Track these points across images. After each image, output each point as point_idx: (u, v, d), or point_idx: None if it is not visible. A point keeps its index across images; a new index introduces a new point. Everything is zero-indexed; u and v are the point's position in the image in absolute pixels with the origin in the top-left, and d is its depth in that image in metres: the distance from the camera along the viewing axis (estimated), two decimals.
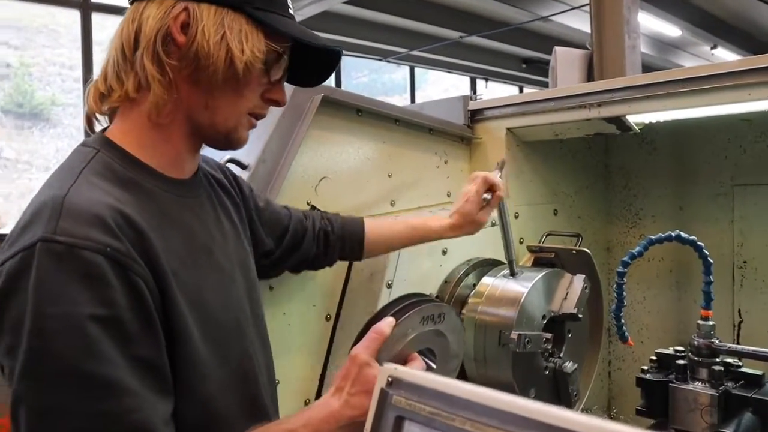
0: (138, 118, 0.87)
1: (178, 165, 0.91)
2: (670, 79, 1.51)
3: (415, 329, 1.04)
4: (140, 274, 0.76)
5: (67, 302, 0.70)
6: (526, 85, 10.55)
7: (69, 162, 0.85)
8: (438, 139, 1.86)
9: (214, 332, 0.86)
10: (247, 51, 0.86)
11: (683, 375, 1.23)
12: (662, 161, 2.15)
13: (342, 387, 0.88)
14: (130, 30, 0.86)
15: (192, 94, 0.88)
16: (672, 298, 2.15)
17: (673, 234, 1.23)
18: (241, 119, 0.92)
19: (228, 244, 0.97)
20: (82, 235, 0.72)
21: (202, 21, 0.84)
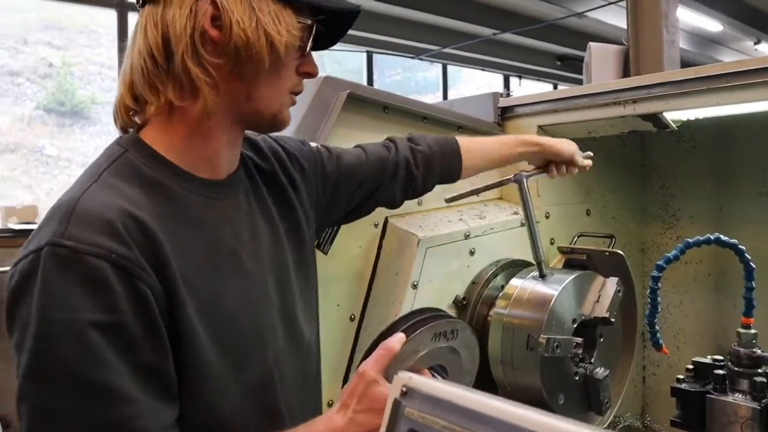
0: (180, 124, 0.85)
1: (213, 165, 0.89)
2: (711, 74, 1.44)
3: (426, 346, 1.02)
4: (146, 280, 0.75)
5: (70, 308, 0.70)
6: (561, 82, 10.37)
7: (96, 161, 0.85)
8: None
9: (229, 339, 0.84)
10: (283, 32, 0.83)
11: (722, 386, 1.16)
12: (701, 160, 2.06)
13: (348, 404, 0.85)
14: (155, 35, 0.82)
15: (233, 89, 0.85)
16: (710, 303, 2.06)
17: (712, 237, 1.17)
18: (284, 100, 0.91)
19: (261, 248, 0.94)
20: (88, 240, 0.72)
21: (233, 11, 0.81)
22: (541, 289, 1.52)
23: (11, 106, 6.92)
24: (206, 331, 0.81)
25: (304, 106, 1.43)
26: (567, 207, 1.92)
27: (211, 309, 0.82)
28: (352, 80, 1.53)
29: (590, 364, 1.55)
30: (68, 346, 0.69)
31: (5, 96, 6.88)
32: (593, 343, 1.59)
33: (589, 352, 1.58)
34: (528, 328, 1.47)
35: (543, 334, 1.35)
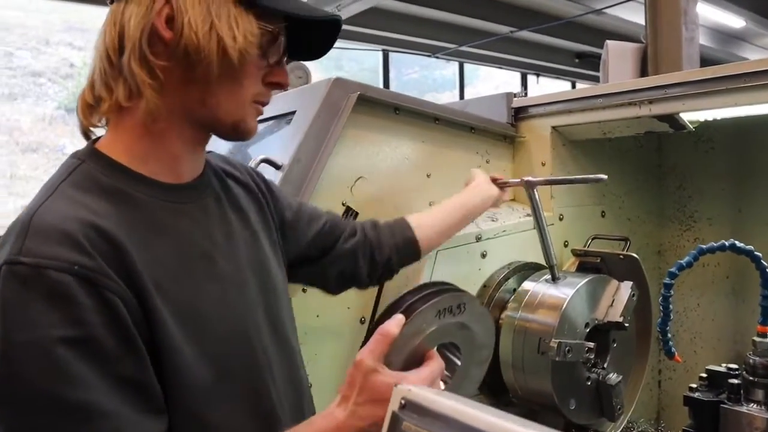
0: (131, 127, 0.83)
1: (175, 170, 0.86)
2: (729, 74, 1.41)
3: (430, 324, 0.93)
4: (114, 290, 0.72)
5: (35, 326, 0.67)
6: (579, 80, 10.27)
7: (52, 176, 0.82)
8: (480, 138, 1.80)
9: (210, 344, 0.81)
10: (239, 37, 0.80)
11: (736, 395, 1.14)
12: (720, 160, 2.02)
13: (348, 396, 0.81)
14: (113, 34, 0.81)
15: (187, 93, 0.82)
16: (728, 306, 2.02)
17: (726, 243, 1.14)
18: (245, 109, 0.86)
19: (237, 249, 0.91)
20: (47, 254, 0.69)
21: (187, 12, 0.78)
22: (554, 292, 1.50)
23: (33, 106, 7.02)
24: (185, 337, 0.78)
25: (314, 108, 1.43)
26: (581, 209, 1.90)
27: (187, 315, 0.79)
28: (370, 78, 1.52)
29: (603, 369, 1.53)
30: (37, 366, 0.66)
31: (27, 96, 6.99)
32: (606, 348, 1.57)
33: (602, 357, 1.56)
34: (539, 332, 1.45)
35: (554, 339, 1.34)
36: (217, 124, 0.86)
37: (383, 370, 0.81)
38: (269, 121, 1.67)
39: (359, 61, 8.44)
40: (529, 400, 1.54)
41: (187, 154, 0.87)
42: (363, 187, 1.52)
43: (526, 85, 9.91)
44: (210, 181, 0.93)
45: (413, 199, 1.63)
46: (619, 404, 1.51)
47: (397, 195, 1.60)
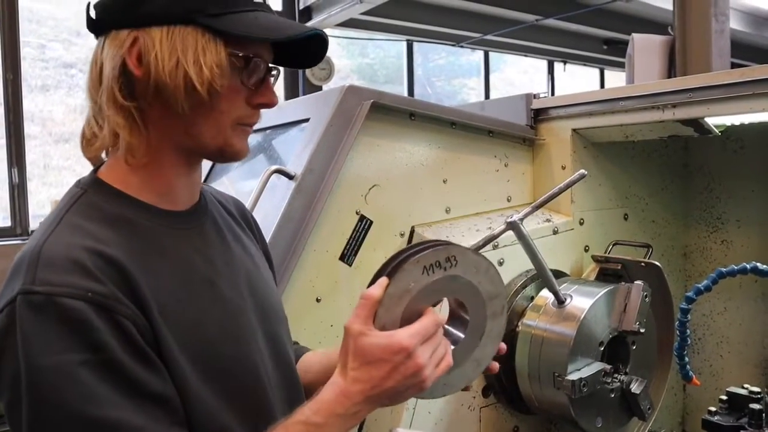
0: (123, 161, 0.84)
1: (171, 197, 0.87)
2: (758, 78, 1.35)
3: (418, 281, 0.88)
4: (126, 314, 0.73)
5: (56, 351, 0.69)
6: (608, 67, 10.04)
7: (56, 207, 0.84)
8: (498, 141, 1.77)
9: (214, 368, 0.83)
10: (205, 70, 0.79)
11: (758, 421, 1.10)
12: (750, 161, 1.95)
13: (345, 363, 0.81)
14: (95, 73, 0.82)
15: (169, 126, 0.83)
16: (756, 311, 1.96)
17: (748, 266, 1.10)
18: (229, 133, 0.85)
19: (236, 271, 0.92)
20: (60, 282, 0.71)
21: (155, 48, 0.79)
22: (572, 303, 1.47)
23: (65, 97, 7.14)
24: (189, 362, 0.79)
25: (326, 117, 1.41)
26: (603, 212, 1.85)
27: (191, 339, 0.81)
28: (395, 65, 1.50)
29: (625, 374, 1.49)
30: (64, 389, 0.68)
31: (59, 87, 7.10)
32: (627, 353, 1.53)
33: (623, 363, 1.53)
34: (556, 344, 1.43)
35: (569, 362, 1.31)
36: (204, 150, 0.86)
37: (371, 332, 0.80)
38: (283, 127, 1.67)
39: (385, 49, 8.37)
40: (546, 410, 1.52)
41: (182, 180, 0.88)
42: (377, 195, 1.51)
43: (552, 72, 9.74)
44: (206, 207, 0.94)
45: (429, 205, 1.62)
46: (648, 405, 1.48)
47: (413, 202, 1.58)
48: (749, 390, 1.16)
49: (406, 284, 0.87)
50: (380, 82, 8.34)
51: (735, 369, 2.02)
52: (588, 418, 1.42)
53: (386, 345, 0.79)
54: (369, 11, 6.19)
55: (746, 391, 1.15)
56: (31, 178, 4.83)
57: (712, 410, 1.16)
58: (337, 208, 1.44)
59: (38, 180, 6.51)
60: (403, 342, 0.79)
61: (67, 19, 7.28)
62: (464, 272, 0.93)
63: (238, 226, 1.01)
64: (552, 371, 1.41)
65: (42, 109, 6.80)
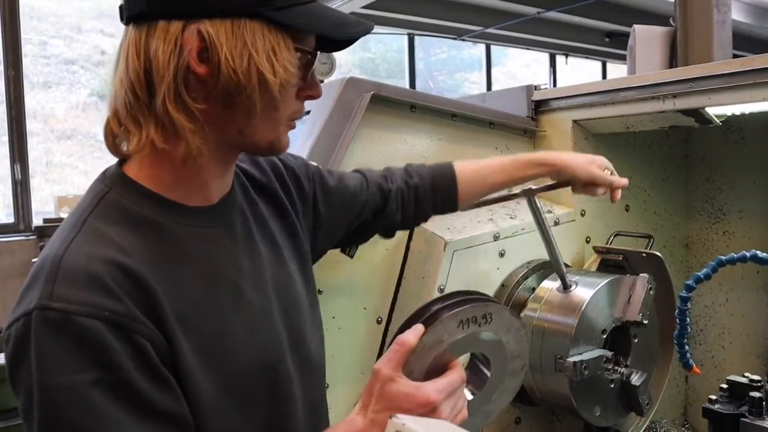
0: (165, 160, 0.80)
1: (204, 193, 0.85)
2: (758, 67, 1.35)
3: (452, 334, 0.90)
4: (143, 333, 0.72)
5: (69, 371, 0.68)
6: (610, 59, 10.02)
7: (81, 203, 0.81)
8: (499, 133, 1.77)
9: (234, 377, 0.82)
10: (279, 70, 0.76)
11: (758, 409, 1.10)
12: (751, 152, 1.95)
13: (366, 404, 0.81)
14: (137, 67, 0.76)
15: (225, 126, 0.80)
16: (758, 302, 1.96)
17: (748, 254, 1.10)
18: (280, 129, 0.84)
19: (262, 272, 0.90)
20: (77, 299, 0.69)
21: (222, 46, 0.74)
22: (574, 292, 1.47)
23: (67, 94, 7.14)
24: (209, 372, 0.78)
25: (327, 109, 1.42)
26: (604, 203, 1.85)
27: (212, 348, 0.79)
28: (397, 60, 1.51)
29: (626, 367, 1.50)
30: (74, 409, 0.68)
31: (61, 84, 7.11)
32: (628, 345, 1.54)
33: (624, 355, 1.53)
34: (558, 335, 1.43)
35: (571, 349, 1.31)
36: (253, 147, 0.85)
37: (400, 380, 0.81)
38: None
39: (386, 43, 8.37)
40: (548, 401, 1.53)
41: (218, 177, 0.86)
42: None
43: (554, 65, 9.71)
44: (236, 197, 0.91)
45: None
46: (647, 400, 1.48)
47: None
48: (749, 378, 1.16)
49: (440, 336, 0.89)
50: (382, 77, 8.33)
51: (737, 360, 2.02)
52: (589, 407, 1.43)
53: (413, 396, 0.79)
54: (370, 5, 6.18)
55: (746, 380, 1.16)
56: (33, 175, 4.84)
57: (712, 398, 1.17)
58: None
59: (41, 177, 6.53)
60: (430, 396, 0.79)
61: (68, 15, 7.28)
62: (497, 330, 0.96)
63: (272, 206, 0.98)
64: (554, 359, 1.41)
65: (44, 106, 6.81)
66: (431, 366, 0.88)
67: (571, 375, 1.29)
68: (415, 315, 0.92)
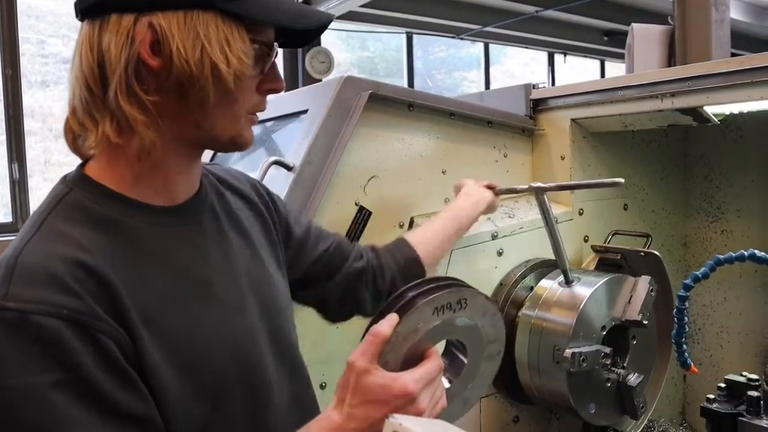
0: (123, 157, 0.78)
1: (169, 192, 0.83)
2: (756, 66, 1.35)
3: (427, 322, 0.87)
4: (105, 330, 0.69)
5: (26, 372, 0.65)
6: (608, 58, 10.02)
7: (41, 205, 0.79)
8: (497, 132, 1.77)
9: (207, 377, 0.79)
10: (233, 60, 0.75)
11: (756, 408, 1.09)
12: (750, 150, 1.95)
13: (342, 399, 0.78)
14: (90, 61, 0.75)
15: (180, 119, 0.78)
16: (756, 300, 1.97)
17: (746, 253, 1.10)
18: (241, 123, 0.82)
19: (236, 270, 0.88)
20: (34, 298, 0.66)
21: (174, 36, 0.73)
22: (572, 291, 1.47)
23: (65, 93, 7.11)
24: (175, 372, 0.75)
25: (325, 108, 1.41)
26: (602, 202, 1.85)
27: (180, 347, 0.77)
28: (395, 58, 1.51)
29: (623, 368, 1.50)
30: (32, 412, 0.65)
31: (59, 83, 7.09)
32: (626, 347, 1.54)
33: (621, 356, 1.53)
34: (556, 333, 1.43)
35: (569, 345, 1.31)
36: (214, 142, 0.83)
37: (375, 371, 0.78)
38: (282, 118, 1.67)
39: (385, 42, 8.36)
40: (546, 400, 1.53)
41: (182, 174, 0.84)
42: (376, 186, 1.51)
43: (552, 64, 9.71)
44: (206, 197, 0.90)
45: (428, 196, 1.62)
46: (642, 403, 1.48)
47: (412, 193, 1.58)
48: (747, 377, 1.16)
49: (415, 324, 0.86)
50: (380, 76, 8.32)
51: (735, 359, 2.02)
52: (586, 405, 1.43)
53: (390, 387, 0.77)
54: (368, 3, 6.16)
55: (744, 379, 1.15)
56: (31, 174, 4.83)
57: (710, 398, 1.16)
58: (336, 199, 1.44)
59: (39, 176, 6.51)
60: (408, 387, 0.77)
61: (66, 14, 7.26)
62: (471, 316, 0.93)
63: (250, 210, 0.97)
64: (551, 359, 1.41)
65: (42, 105, 6.79)
66: (407, 355, 0.85)
67: (569, 366, 1.29)
68: (388, 304, 0.89)
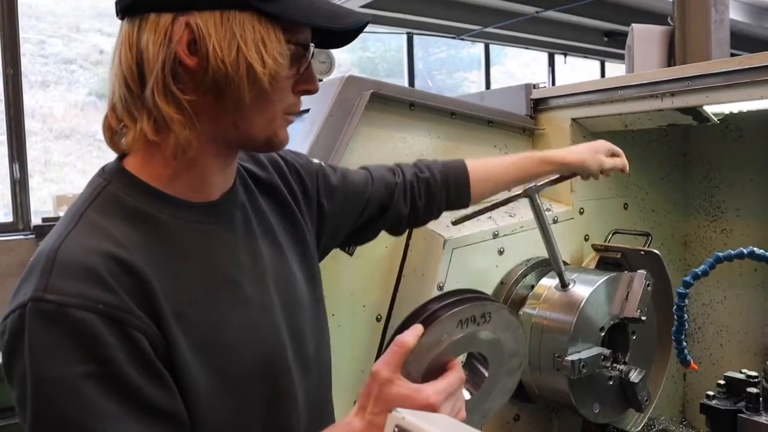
0: (159, 154, 0.80)
1: (204, 188, 0.84)
2: (756, 65, 1.36)
3: (451, 334, 0.89)
4: (138, 327, 0.71)
5: (61, 364, 0.67)
6: (608, 59, 10.02)
7: (79, 197, 0.81)
8: (498, 131, 1.78)
9: (234, 374, 0.81)
10: (269, 61, 0.75)
11: (755, 405, 1.10)
12: (749, 150, 1.96)
13: (364, 406, 0.80)
14: (129, 59, 0.76)
15: (218, 119, 0.80)
16: (756, 299, 1.97)
17: (745, 251, 1.11)
18: (276, 123, 0.83)
19: (263, 268, 0.89)
20: (72, 292, 0.69)
21: (211, 36, 0.74)
22: (572, 290, 1.48)
23: (65, 93, 7.13)
24: (204, 369, 0.77)
25: (326, 107, 1.42)
26: (602, 201, 1.86)
27: (209, 343, 0.78)
28: (396, 59, 1.51)
29: (624, 364, 1.50)
30: (66, 402, 0.67)
31: (59, 83, 7.10)
32: (626, 342, 1.55)
33: (622, 352, 1.54)
34: (557, 333, 1.44)
35: (569, 347, 1.32)
36: (250, 142, 0.84)
37: (399, 381, 0.80)
38: None
39: (385, 42, 8.37)
40: (547, 398, 1.54)
41: (217, 173, 0.85)
42: None
43: (553, 65, 9.72)
44: (237, 193, 0.91)
45: None
46: (645, 396, 1.49)
47: None
48: (747, 374, 1.17)
49: (439, 336, 0.87)
50: (381, 76, 8.33)
51: (735, 357, 2.03)
52: (587, 404, 1.44)
53: (413, 398, 0.78)
54: (369, 4, 6.18)
55: (744, 376, 1.16)
56: (32, 174, 4.83)
57: (710, 395, 1.17)
58: None
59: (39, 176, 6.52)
60: (430, 399, 0.78)
61: (66, 14, 7.27)
62: (495, 329, 0.95)
63: (275, 202, 0.97)
64: (552, 357, 1.42)
65: (42, 105, 6.80)
66: (429, 366, 0.87)
67: (569, 374, 1.30)
68: (413, 315, 0.91)
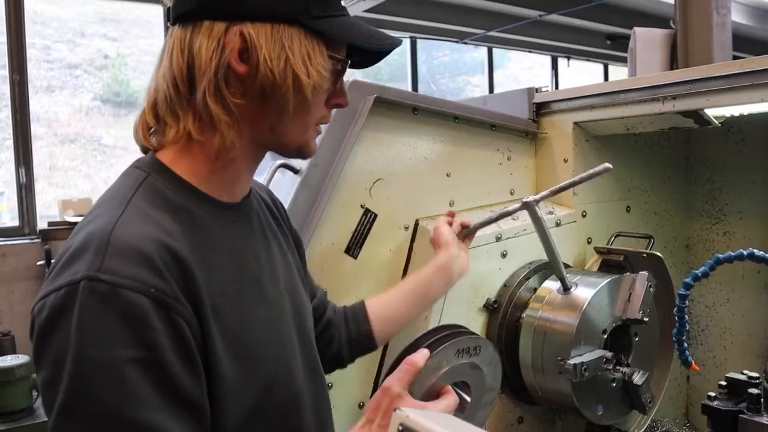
0: (200, 152, 0.84)
1: (233, 189, 0.89)
2: (757, 69, 1.37)
3: (449, 362, 1.02)
4: (183, 314, 0.73)
5: (108, 345, 0.68)
6: (612, 62, 10.03)
7: (119, 186, 0.83)
8: (500, 135, 1.79)
9: (258, 368, 0.83)
10: (313, 73, 0.81)
11: (757, 405, 1.11)
12: (751, 153, 1.97)
13: (372, 419, 0.84)
14: (180, 62, 0.81)
15: (258, 123, 0.85)
16: (759, 301, 1.98)
17: (745, 252, 1.12)
18: (309, 132, 0.89)
19: (277, 269, 0.94)
20: (127, 274, 0.70)
21: (262, 47, 0.79)
22: (575, 293, 1.49)
23: (70, 98, 7.17)
24: (232, 360, 0.80)
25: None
26: (605, 204, 1.87)
27: (237, 337, 0.81)
28: (399, 63, 1.53)
29: (627, 366, 1.51)
30: (106, 384, 0.68)
31: (64, 88, 7.13)
32: (629, 344, 1.55)
33: (625, 353, 1.54)
34: (559, 336, 1.44)
35: (572, 350, 1.33)
36: (283, 147, 0.89)
37: (408, 398, 0.86)
38: None
39: None
40: (550, 400, 1.54)
41: (247, 174, 0.91)
42: (382, 188, 1.53)
43: (556, 68, 9.73)
44: (253, 200, 0.96)
45: (433, 199, 1.64)
46: (649, 398, 1.50)
47: (417, 196, 1.60)
48: (748, 375, 1.17)
49: (440, 361, 1.00)
50: (384, 80, 8.34)
51: (738, 359, 2.03)
52: (590, 406, 1.44)
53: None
54: (372, 8, 6.20)
55: (745, 377, 1.17)
56: (37, 179, 4.86)
57: (711, 395, 1.18)
58: (342, 201, 1.46)
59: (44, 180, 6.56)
60: None
61: (71, 20, 7.31)
62: (481, 362, 1.08)
63: (272, 217, 1.02)
64: (555, 360, 1.43)
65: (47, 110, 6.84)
66: (427, 390, 0.96)
67: (571, 377, 1.31)
68: (414, 342, 1.04)
